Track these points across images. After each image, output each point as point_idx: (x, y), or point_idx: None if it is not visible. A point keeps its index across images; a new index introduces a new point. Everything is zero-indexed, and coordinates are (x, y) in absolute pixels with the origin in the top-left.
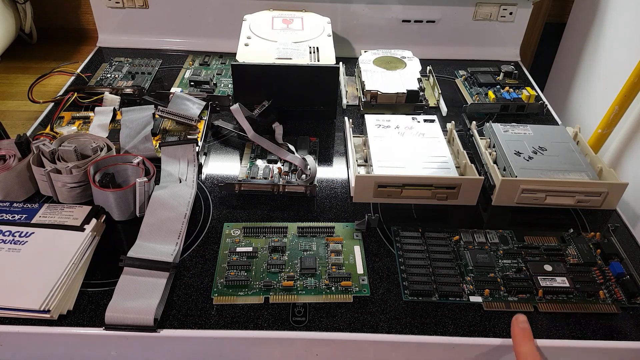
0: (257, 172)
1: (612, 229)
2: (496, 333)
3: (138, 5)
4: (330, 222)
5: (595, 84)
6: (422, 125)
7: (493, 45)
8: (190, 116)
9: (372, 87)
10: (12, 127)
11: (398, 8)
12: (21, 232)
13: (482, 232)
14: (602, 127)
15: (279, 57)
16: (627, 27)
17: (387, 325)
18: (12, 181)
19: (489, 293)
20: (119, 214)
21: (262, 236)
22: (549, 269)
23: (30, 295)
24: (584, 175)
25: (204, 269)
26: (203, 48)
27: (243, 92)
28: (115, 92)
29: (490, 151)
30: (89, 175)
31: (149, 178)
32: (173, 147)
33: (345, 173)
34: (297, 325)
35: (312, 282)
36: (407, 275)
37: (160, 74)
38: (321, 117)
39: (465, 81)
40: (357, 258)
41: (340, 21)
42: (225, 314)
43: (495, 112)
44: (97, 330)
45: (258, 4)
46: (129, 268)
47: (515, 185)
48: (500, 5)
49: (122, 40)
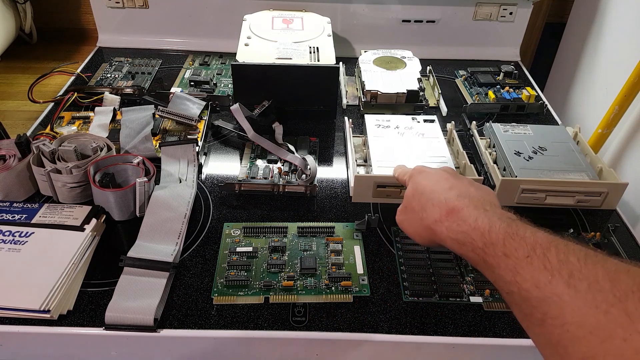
0: (257, 172)
1: (612, 229)
2: (496, 333)
3: (138, 5)
4: (330, 222)
5: (595, 83)
6: (422, 125)
7: (493, 45)
8: (190, 116)
9: (372, 87)
10: (12, 127)
11: (398, 8)
12: (21, 232)
13: None
14: (602, 127)
15: (279, 57)
16: (627, 27)
17: (387, 325)
18: (12, 181)
19: (489, 293)
20: (119, 214)
21: (262, 236)
22: None
23: (30, 295)
24: (584, 175)
25: (204, 269)
26: (203, 48)
27: (243, 92)
28: (115, 92)
29: (490, 151)
30: (89, 175)
31: (149, 178)
32: (173, 147)
33: (345, 173)
34: (297, 325)
35: (312, 282)
36: (407, 276)
37: (160, 74)
38: (321, 117)
39: (465, 81)
40: (357, 258)
41: (340, 21)
42: (225, 314)
43: (495, 112)
44: (97, 330)
45: (258, 4)
46: (129, 268)
47: (515, 185)
48: (500, 5)
49: (122, 40)
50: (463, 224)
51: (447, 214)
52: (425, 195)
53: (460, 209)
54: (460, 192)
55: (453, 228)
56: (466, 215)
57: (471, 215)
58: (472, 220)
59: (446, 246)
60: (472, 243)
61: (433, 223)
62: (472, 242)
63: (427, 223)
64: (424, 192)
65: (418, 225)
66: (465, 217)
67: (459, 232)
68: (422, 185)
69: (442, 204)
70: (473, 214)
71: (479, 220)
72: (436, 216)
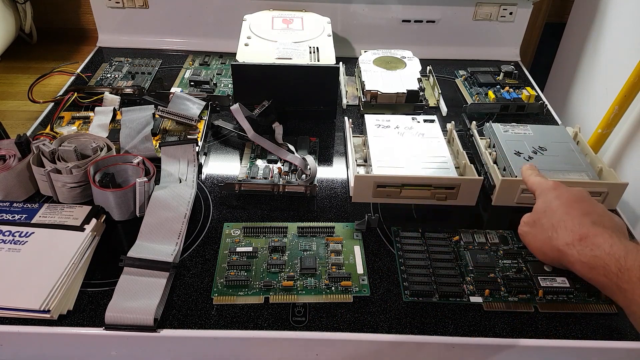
0: (257, 172)
1: None
2: (496, 333)
3: (138, 5)
4: (330, 222)
5: (595, 83)
6: (422, 125)
7: (493, 45)
8: (190, 116)
9: (372, 87)
10: (12, 127)
11: (398, 8)
12: (21, 232)
13: (482, 232)
14: (602, 127)
15: (279, 57)
16: (627, 27)
17: (387, 325)
18: (12, 181)
19: (489, 293)
20: (119, 214)
21: (262, 236)
22: (549, 269)
23: (30, 295)
24: (584, 175)
25: (204, 269)
26: (203, 48)
27: (243, 92)
28: (115, 92)
29: (490, 151)
30: (89, 175)
31: (149, 178)
32: (173, 147)
33: (345, 173)
34: (297, 325)
35: (312, 282)
36: (407, 276)
37: (160, 74)
38: (321, 117)
39: (465, 81)
40: (357, 258)
41: (340, 21)
42: (225, 314)
43: (495, 112)
44: (97, 330)
45: (258, 4)
46: (129, 268)
47: (515, 185)
48: (500, 5)
49: (122, 40)
50: (597, 249)
51: (580, 238)
52: (557, 216)
53: (594, 235)
54: (595, 220)
55: (585, 253)
56: (601, 241)
57: (606, 242)
58: (607, 246)
59: (573, 269)
60: (604, 267)
61: (564, 245)
62: (605, 267)
63: (555, 243)
64: (556, 211)
65: (544, 243)
66: (599, 243)
67: (592, 257)
68: (556, 204)
69: (576, 228)
70: (608, 241)
71: (614, 247)
72: (568, 239)
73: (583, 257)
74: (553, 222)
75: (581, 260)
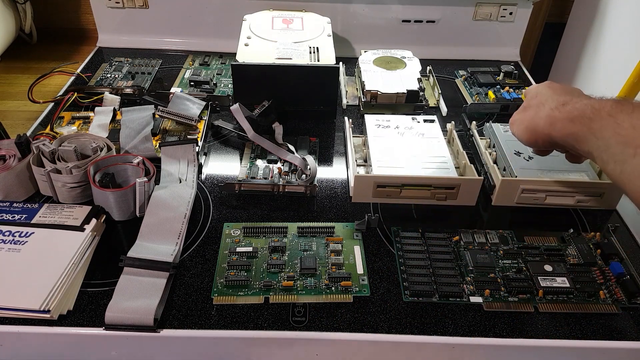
0: (257, 172)
1: (612, 229)
2: (496, 333)
3: (138, 5)
4: (330, 222)
5: (595, 84)
6: (422, 125)
7: (493, 45)
8: (190, 116)
9: (372, 87)
10: (12, 127)
11: (398, 8)
12: (21, 232)
13: (482, 232)
14: None
15: (279, 57)
16: (627, 27)
17: (387, 325)
18: (12, 181)
19: (489, 293)
20: (119, 214)
21: (262, 236)
22: (549, 269)
23: (30, 295)
24: (584, 175)
25: (204, 269)
26: (203, 48)
27: (243, 92)
28: (115, 92)
29: (490, 151)
30: (89, 175)
31: (149, 178)
32: (173, 147)
33: (345, 173)
34: (297, 325)
35: (312, 282)
36: (407, 276)
37: (160, 74)
38: (321, 117)
39: (465, 81)
40: (357, 258)
41: (340, 21)
42: (225, 314)
43: (495, 112)
44: (97, 330)
45: (258, 4)
46: (129, 268)
47: (515, 185)
48: (500, 5)
49: (122, 40)
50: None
51: (563, 103)
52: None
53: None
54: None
55: (567, 110)
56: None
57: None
58: (585, 101)
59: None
60: (582, 116)
61: (549, 111)
62: (583, 114)
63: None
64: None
65: (531, 119)
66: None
67: (572, 110)
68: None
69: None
70: (587, 100)
71: (592, 100)
72: (553, 105)
73: (564, 114)
74: (541, 100)
75: (562, 117)
